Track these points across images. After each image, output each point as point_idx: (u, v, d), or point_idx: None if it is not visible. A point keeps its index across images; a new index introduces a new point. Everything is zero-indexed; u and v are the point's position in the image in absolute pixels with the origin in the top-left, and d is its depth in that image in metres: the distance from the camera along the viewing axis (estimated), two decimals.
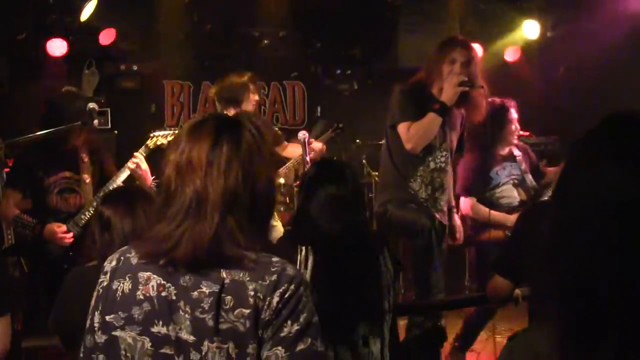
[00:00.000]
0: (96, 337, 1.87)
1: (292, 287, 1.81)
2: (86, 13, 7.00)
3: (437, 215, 4.75)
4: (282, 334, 1.78)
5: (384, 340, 3.21)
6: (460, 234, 5.09)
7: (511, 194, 5.55)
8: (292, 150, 6.23)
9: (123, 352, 1.82)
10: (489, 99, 5.13)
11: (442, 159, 4.84)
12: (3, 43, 7.58)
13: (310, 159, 5.51)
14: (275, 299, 1.78)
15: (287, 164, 6.55)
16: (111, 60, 8.13)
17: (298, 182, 6.07)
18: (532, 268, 3.04)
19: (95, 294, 1.92)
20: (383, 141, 7.29)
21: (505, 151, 5.60)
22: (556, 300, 1.23)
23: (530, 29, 7.98)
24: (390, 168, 4.92)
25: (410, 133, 4.66)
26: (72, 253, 4.87)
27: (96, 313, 1.88)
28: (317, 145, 6.00)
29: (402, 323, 6.09)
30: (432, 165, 4.81)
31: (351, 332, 3.12)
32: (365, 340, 3.14)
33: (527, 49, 8.28)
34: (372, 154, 7.72)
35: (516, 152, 5.64)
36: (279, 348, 1.77)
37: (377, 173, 7.49)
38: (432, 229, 4.61)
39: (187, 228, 1.81)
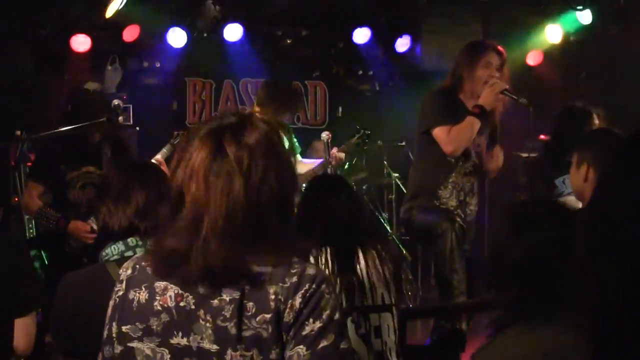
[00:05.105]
0: (113, 347, 1.82)
1: (314, 285, 1.76)
2: (112, 10, 7.02)
3: (458, 219, 4.75)
4: (304, 333, 1.73)
5: (395, 331, 3.25)
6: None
7: (575, 206, 5.12)
8: (300, 168, 5.87)
9: None
10: (570, 103, 5.20)
11: (472, 164, 4.86)
12: (27, 38, 7.63)
13: (333, 165, 5.58)
14: (298, 300, 1.74)
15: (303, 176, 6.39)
16: (134, 56, 8.17)
17: None
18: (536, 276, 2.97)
19: (111, 302, 1.87)
20: (403, 143, 7.29)
21: None
22: (592, 312, 1.22)
23: (552, 33, 7.94)
24: (421, 175, 4.94)
25: (452, 136, 4.64)
26: (92, 247, 4.91)
27: (113, 323, 1.84)
28: (340, 154, 5.98)
29: (419, 326, 6.12)
30: (462, 170, 4.83)
31: (362, 324, 3.18)
32: (378, 332, 3.19)
33: (550, 52, 8.24)
34: (393, 155, 7.73)
35: None
36: (301, 347, 1.72)
37: (397, 174, 7.50)
38: (452, 231, 4.60)
39: (195, 242, 1.75)
